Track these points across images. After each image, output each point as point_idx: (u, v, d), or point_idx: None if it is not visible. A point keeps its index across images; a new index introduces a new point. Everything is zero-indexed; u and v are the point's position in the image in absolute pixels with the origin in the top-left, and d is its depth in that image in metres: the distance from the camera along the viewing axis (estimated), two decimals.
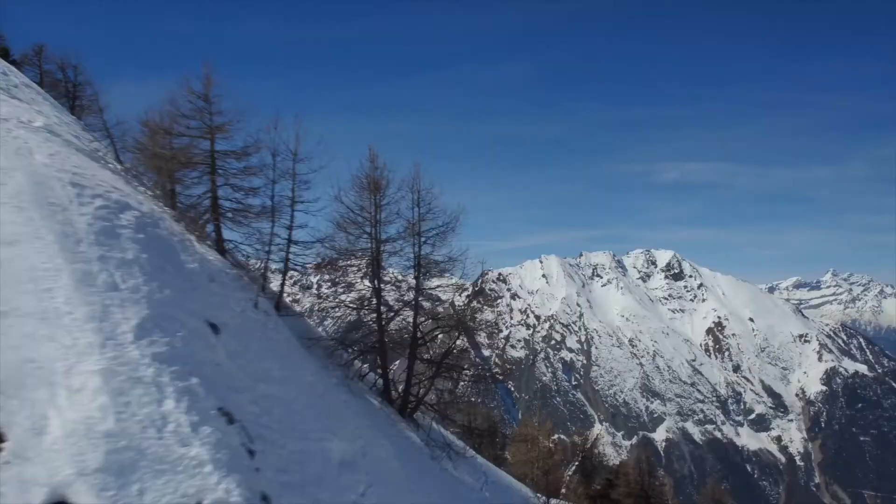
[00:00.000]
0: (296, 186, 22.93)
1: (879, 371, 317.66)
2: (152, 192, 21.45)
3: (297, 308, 26.90)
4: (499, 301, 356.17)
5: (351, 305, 25.47)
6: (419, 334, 25.23)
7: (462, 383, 27.53)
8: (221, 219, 22.76)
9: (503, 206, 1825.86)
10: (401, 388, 25.35)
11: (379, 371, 25.33)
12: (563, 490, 49.01)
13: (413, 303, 25.20)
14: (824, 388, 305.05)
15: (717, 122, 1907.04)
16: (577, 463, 51.84)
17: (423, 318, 25.71)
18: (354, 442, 16.14)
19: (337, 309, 26.33)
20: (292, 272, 26.10)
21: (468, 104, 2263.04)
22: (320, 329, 26.82)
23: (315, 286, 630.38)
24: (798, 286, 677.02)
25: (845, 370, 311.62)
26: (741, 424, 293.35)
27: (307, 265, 25.72)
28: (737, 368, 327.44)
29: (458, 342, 26.99)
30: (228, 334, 14.37)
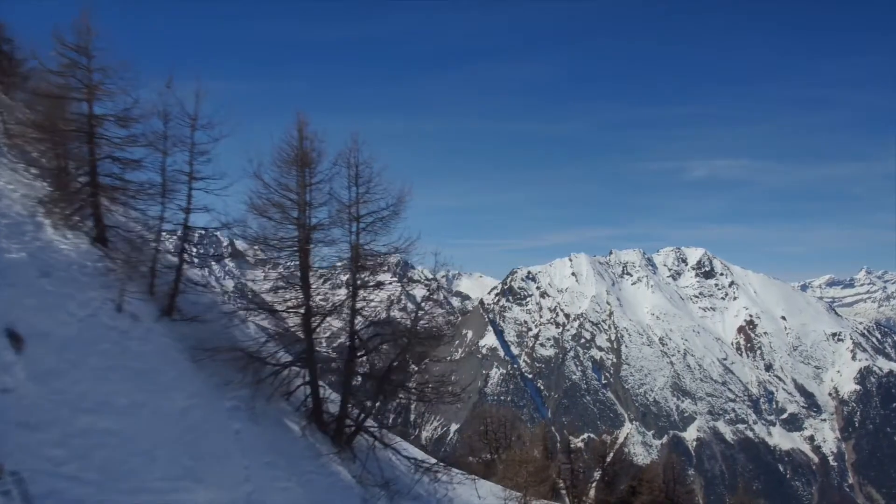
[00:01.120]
0: (193, 159, 18.28)
1: None
2: (37, 169, 18.32)
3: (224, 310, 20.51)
4: (528, 299, 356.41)
5: (279, 308, 20.31)
6: (356, 342, 20.86)
7: (413, 403, 22.17)
8: (103, 198, 18.09)
9: (531, 205, 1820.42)
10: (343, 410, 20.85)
11: (310, 388, 20.55)
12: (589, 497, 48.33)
13: (349, 303, 20.62)
14: (858, 387, 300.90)
15: (747, 118, 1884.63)
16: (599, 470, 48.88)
17: (363, 325, 21.08)
18: (236, 489, 12.95)
19: (260, 312, 20.90)
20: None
21: (493, 103, 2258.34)
22: (242, 337, 20.36)
23: (345, 284, 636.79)
24: (831, 284, 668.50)
25: (880, 369, 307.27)
26: (773, 424, 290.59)
27: (216, 255, 22.01)
28: (769, 367, 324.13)
29: (428, 358, 23.02)
30: (45, 348, 11.38)
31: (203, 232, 20.19)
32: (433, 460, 24.47)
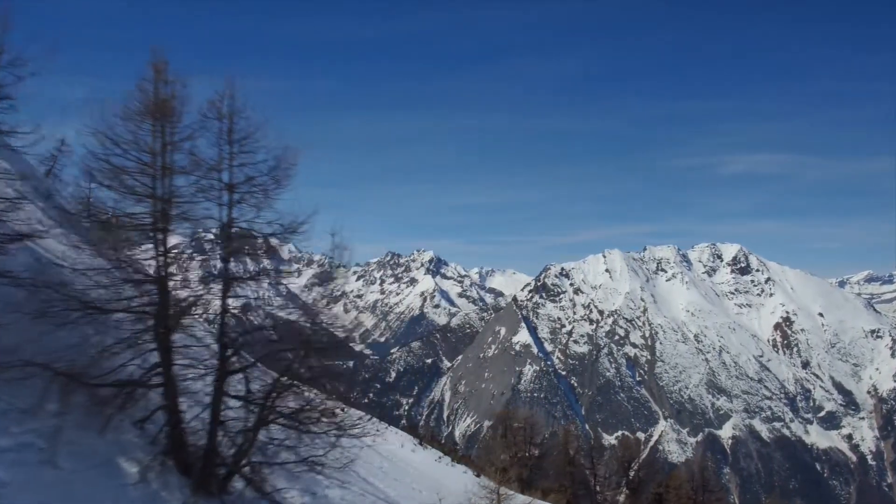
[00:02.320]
0: None
1: None
2: None
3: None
4: (561, 296, 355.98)
5: (117, 308, 13.57)
6: (229, 353, 14.24)
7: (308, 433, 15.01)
8: None
9: (565, 202, 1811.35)
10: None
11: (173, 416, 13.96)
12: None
13: (220, 300, 14.49)
14: None
15: (784, 112, 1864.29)
16: (624, 478, 47.42)
17: (239, 330, 15.17)
18: None
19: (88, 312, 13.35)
20: None
21: (526, 99, 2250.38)
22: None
23: (379, 281, 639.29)
24: (869, 280, 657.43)
25: None
26: (810, 422, 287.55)
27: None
28: (806, 365, 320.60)
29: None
30: None
31: None
32: None
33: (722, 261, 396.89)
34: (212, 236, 15.18)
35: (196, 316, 15.02)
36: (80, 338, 13.63)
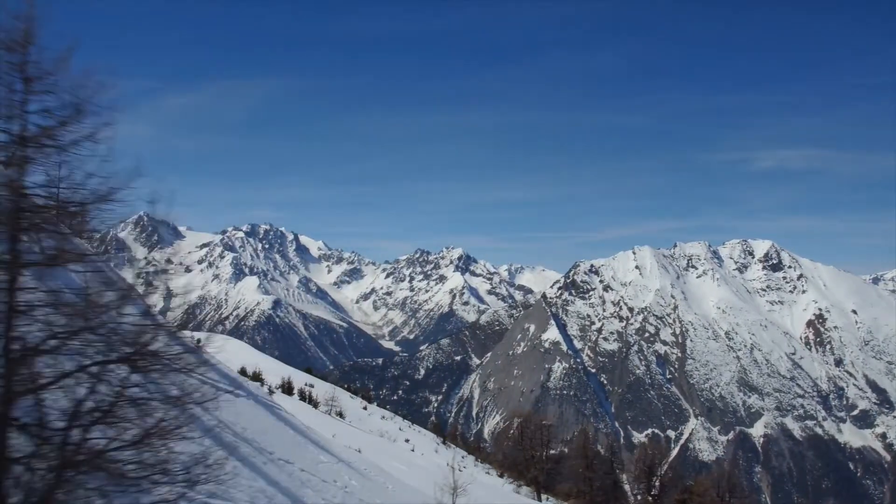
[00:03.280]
0: None
1: None
2: None
3: None
4: (591, 293, 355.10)
5: None
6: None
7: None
8: None
9: (594, 198, 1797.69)
10: None
11: None
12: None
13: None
14: None
15: (814, 107, 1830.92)
16: (643, 485, 45.57)
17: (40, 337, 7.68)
18: None
19: None
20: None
21: (557, 94, 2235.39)
22: None
23: (408, 278, 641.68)
24: None
25: None
26: (843, 421, 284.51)
27: None
28: (839, 362, 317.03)
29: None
30: None
31: None
32: None
33: (753, 257, 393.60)
34: None
35: None
36: None
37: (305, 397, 35.02)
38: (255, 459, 11.31)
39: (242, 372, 36.09)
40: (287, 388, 36.05)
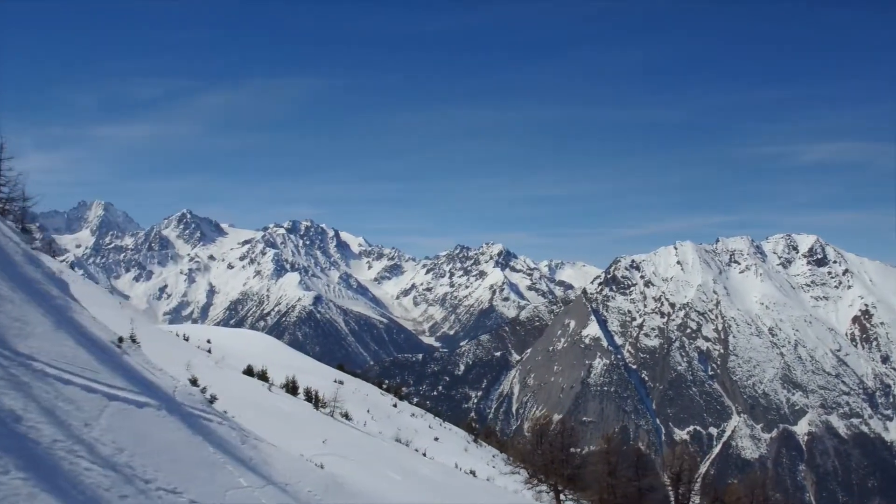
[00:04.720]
0: None
1: None
2: None
3: None
4: (631, 289, 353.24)
5: None
6: None
7: None
8: None
9: (636, 193, 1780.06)
10: None
11: None
12: None
13: None
14: None
15: (862, 98, 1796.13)
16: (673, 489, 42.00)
17: None
18: None
19: None
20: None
21: (596, 90, 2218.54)
22: None
23: (448, 274, 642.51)
24: None
25: None
26: (890, 419, 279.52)
27: None
28: (886, 359, 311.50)
29: None
30: None
31: None
32: None
33: (797, 252, 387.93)
34: None
35: None
36: None
37: (311, 397, 35.66)
38: (109, 493, 8.36)
39: (248, 371, 36.30)
40: (291, 388, 36.60)
